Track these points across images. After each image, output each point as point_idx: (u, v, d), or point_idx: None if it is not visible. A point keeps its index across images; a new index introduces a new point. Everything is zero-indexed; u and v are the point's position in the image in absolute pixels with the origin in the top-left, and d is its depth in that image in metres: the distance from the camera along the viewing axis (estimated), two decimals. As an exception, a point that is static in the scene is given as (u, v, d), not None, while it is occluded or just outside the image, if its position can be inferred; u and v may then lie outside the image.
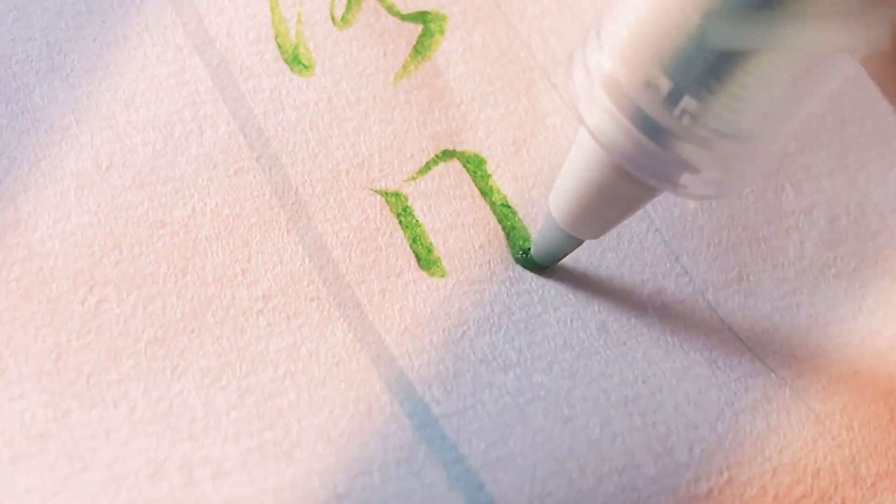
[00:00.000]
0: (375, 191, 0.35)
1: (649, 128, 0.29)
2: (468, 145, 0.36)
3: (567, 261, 0.35)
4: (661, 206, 0.36)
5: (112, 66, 0.36)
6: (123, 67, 0.36)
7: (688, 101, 0.28)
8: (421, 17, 0.38)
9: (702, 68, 0.27)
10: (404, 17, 0.38)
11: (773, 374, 0.34)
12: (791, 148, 0.37)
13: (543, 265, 0.35)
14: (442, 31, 0.38)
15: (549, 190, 0.36)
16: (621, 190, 0.31)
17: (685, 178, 0.29)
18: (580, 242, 0.34)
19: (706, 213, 0.36)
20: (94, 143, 0.35)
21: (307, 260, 0.34)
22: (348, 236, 0.34)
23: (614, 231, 0.35)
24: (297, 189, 0.35)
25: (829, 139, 0.37)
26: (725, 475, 0.32)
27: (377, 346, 0.33)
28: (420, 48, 0.37)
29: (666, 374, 0.33)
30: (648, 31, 0.28)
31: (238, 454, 0.31)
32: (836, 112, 0.38)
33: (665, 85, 0.28)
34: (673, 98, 0.28)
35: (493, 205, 0.35)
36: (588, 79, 0.29)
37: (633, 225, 0.35)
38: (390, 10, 0.38)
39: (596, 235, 0.33)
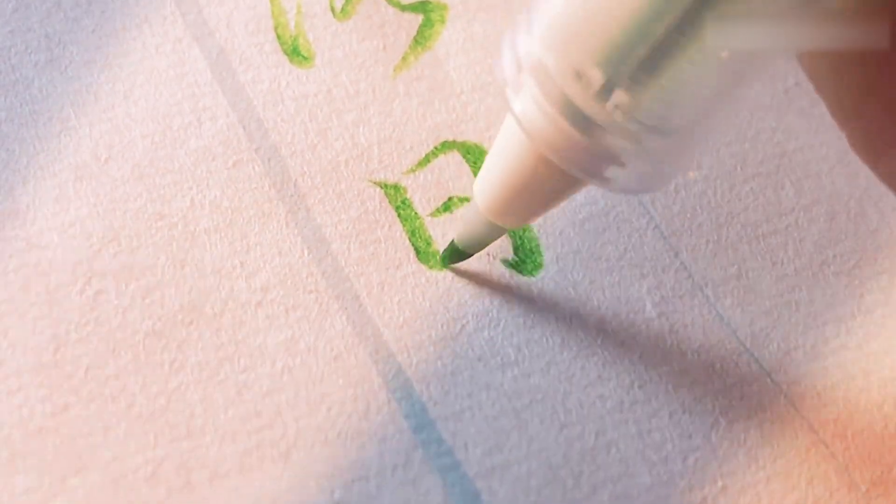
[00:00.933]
0: (374, 183, 0.35)
1: (578, 119, 0.27)
2: (468, 136, 0.36)
3: (567, 255, 0.35)
4: (661, 203, 0.36)
5: (111, 57, 0.36)
6: (122, 59, 0.36)
7: (620, 96, 0.27)
8: (422, 6, 0.38)
9: (635, 62, 0.26)
10: (405, 8, 0.38)
11: (768, 380, 0.34)
12: (791, 145, 0.37)
13: (465, 254, 0.34)
14: (443, 21, 0.38)
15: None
16: (546, 180, 0.30)
17: (611, 172, 0.28)
18: (504, 231, 0.33)
19: (706, 210, 0.36)
20: (92, 135, 0.34)
21: (306, 252, 0.34)
22: (347, 228, 0.34)
23: (614, 226, 0.35)
24: (296, 181, 0.35)
25: (830, 136, 0.37)
26: (719, 484, 0.32)
27: (375, 340, 0.33)
28: (420, 39, 0.37)
29: (662, 377, 0.33)
30: (580, 19, 0.27)
31: (236, 455, 0.31)
32: (837, 109, 0.37)
33: (597, 78, 0.26)
34: (605, 92, 0.27)
35: (492, 197, 0.35)
36: (516, 63, 0.28)
37: (633, 220, 0.35)
38: (391, 0, 0.38)
39: (518, 225, 0.32)
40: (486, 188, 0.31)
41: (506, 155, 0.30)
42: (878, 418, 0.33)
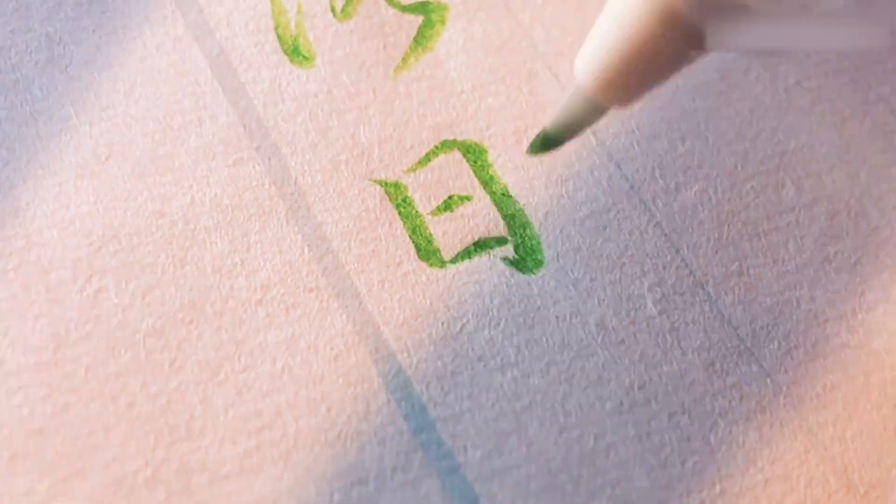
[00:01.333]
0: (375, 181, 0.35)
1: None
2: (469, 135, 0.36)
3: (567, 253, 0.35)
4: (662, 200, 0.36)
5: (111, 56, 0.36)
6: (123, 58, 0.36)
7: None
8: (422, 7, 0.38)
9: None
10: (405, 8, 0.38)
11: (768, 380, 0.34)
12: (791, 144, 0.37)
13: (557, 142, 0.33)
14: (443, 21, 0.38)
15: (550, 178, 0.36)
16: (665, 43, 0.28)
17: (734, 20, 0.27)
18: (602, 113, 0.31)
19: (707, 207, 0.36)
20: (93, 134, 0.35)
21: (306, 250, 0.34)
22: (348, 226, 0.34)
23: (615, 224, 0.35)
24: (296, 179, 0.35)
25: (830, 135, 0.37)
26: (717, 487, 0.32)
27: (376, 339, 0.33)
28: (420, 39, 0.37)
29: (662, 378, 0.33)
30: None
31: (236, 457, 0.31)
32: (836, 108, 0.37)
33: None
34: None
35: (493, 194, 0.35)
36: None
37: (634, 217, 0.35)
38: (391, 1, 0.38)
39: (623, 102, 0.31)
40: (592, 60, 0.30)
41: (620, 18, 0.29)
42: (876, 420, 0.33)
